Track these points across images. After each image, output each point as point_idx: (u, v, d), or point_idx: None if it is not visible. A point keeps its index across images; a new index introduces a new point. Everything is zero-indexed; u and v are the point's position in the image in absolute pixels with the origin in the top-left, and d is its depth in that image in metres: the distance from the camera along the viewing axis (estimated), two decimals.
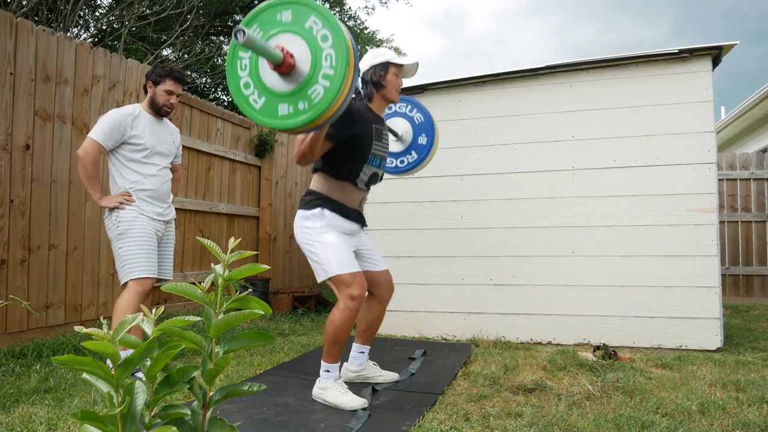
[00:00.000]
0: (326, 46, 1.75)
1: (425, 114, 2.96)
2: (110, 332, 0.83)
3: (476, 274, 3.79)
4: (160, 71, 2.73)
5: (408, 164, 3.00)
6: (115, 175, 2.70)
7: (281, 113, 1.81)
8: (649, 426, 1.89)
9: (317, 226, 2.25)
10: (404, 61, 2.39)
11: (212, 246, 1.01)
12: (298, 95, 1.78)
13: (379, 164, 2.42)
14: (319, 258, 2.24)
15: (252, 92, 1.84)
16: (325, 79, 1.74)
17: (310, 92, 1.77)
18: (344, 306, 2.18)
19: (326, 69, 1.74)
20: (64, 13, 5.99)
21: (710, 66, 3.42)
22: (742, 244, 5.96)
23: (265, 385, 1.05)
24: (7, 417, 1.99)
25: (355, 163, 2.30)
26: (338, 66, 1.73)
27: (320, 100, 1.75)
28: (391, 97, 2.41)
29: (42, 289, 3.26)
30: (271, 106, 1.82)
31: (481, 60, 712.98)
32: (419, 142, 2.95)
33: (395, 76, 2.39)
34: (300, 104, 1.78)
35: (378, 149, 2.36)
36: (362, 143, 2.27)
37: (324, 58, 1.75)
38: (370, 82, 2.38)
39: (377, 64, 2.37)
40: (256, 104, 1.84)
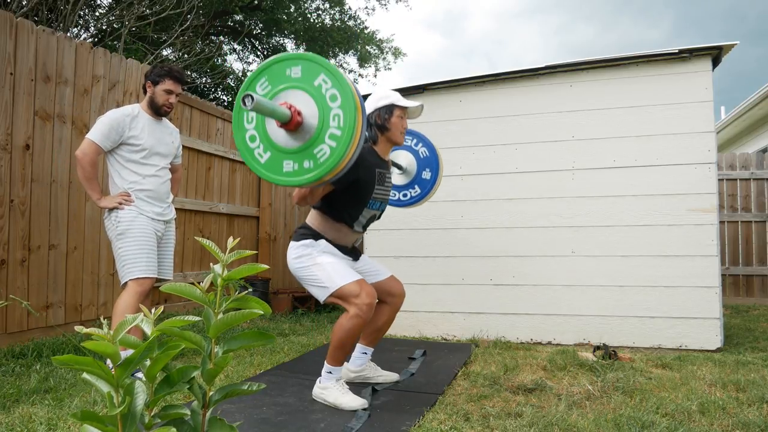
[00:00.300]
0: (335, 105, 1.74)
1: (430, 148, 2.94)
2: (110, 332, 0.83)
3: (476, 274, 3.79)
4: (159, 71, 2.73)
5: (411, 198, 2.99)
6: (114, 175, 2.70)
7: (286, 170, 1.80)
8: (649, 426, 1.89)
9: (310, 252, 2.22)
10: (409, 104, 2.36)
11: (211, 246, 1.01)
12: (303, 153, 1.78)
13: (379, 206, 2.40)
14: (317, 279, 2.18)
15: (257, 146, 1.84)
16: (332, 140, 1.74)
17: (316, 151, 1.76)
18: (354, 314, 2.11)
19: (334, 129, 1.74)
20: (64, 13, 5.99)
21: (710, 66, 3.42)
22: (742, 244, 5.96)
23: (265, 385, 1.05)
24: (7, 417, 1.99)
25: (355, 207, 2.28)
26: (346, 127, 1.72)
27: (326, 160, 1.74)
28: (397, 139, 2.38)
29: (42, 289, 3.26)
30: (276, 161, 1.81)
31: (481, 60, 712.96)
32: (423, 176, 2.95)
33: (400, 119, 2.35)
34: (305, 162, 1.77)
35: (379, 193, 2.34)
36: (364, 188, 2.25)
37: (332, 118, 1.74)
38: (375, 124, 2.34)
39: (381, 107, 2.34)
40: (261, 158, 1.83)
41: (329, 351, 2.23)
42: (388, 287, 2.47)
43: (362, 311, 2.11)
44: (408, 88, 4.00)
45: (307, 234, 2.28)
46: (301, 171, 1.78)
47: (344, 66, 11.91)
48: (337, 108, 1.74)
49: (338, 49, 11.36)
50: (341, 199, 2.24)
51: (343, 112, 1.73)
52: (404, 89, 4.01)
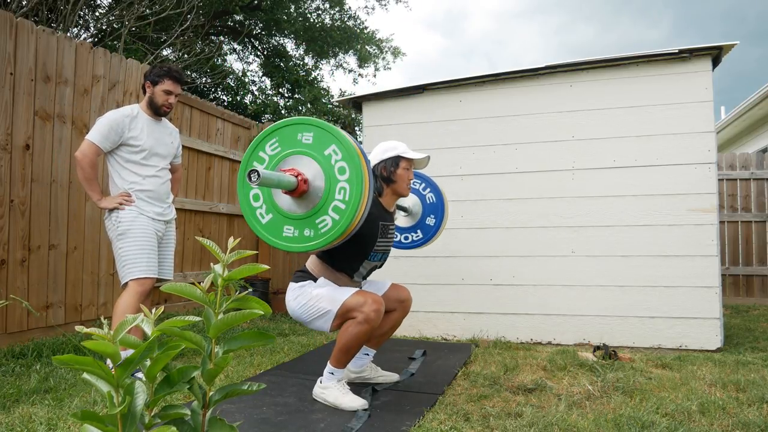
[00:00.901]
0: (342, 178, 1.73)
1: (438, 195, 2.94)
2: (110, 332, 0.83)
3: (476, 274, 3.79)
4: (158, 71, 2.73)
5: (412, 242, 2.99)
6: (114, 176, 2.70)
7: (285, 234, 1.80)
8: (649, 426, 1.89)
9: (308, 289, 2.21)
10: (415, 156, 2.35)
11: (211, 246, 1.01)
12: (305, 221, 1.78)
13: (381, 258, 2.39)
14: (319, 309, 2.15)
15: (260, 206, 1.84)
16: (335, 212, 1.73)
17: (318, 221, 1.76)
18: (363, 319, 2.09)
19: (338, 202, 1.73)
20: (64, 13, 5.99)
21: (710, 66, 3.42)
22: (742, 244, 5.96)
23: (265, 385, 1.05)
24: (7, 417, 1.99)
25: (356, 260, 2.28)
26: (351, 201, 1.72)
27: (327, 231, 1.74)
28: (402, 191, 2.36)
29: (42, 289, 3.26)
30: (276, 224, 1.81)
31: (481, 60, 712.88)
32: (427, 222, 2.95)
33: (406, 170, 2.34)
34: (306, 231, 1.77)
35: (381, 245, 2.33)
36: (366, 241, 2.24)
37: (338, 191, 1.73)
38: (380, 177, 2.33)
39: (387, 159, 2.32)
40: (262, 219, 1.83)
41: (334, 352, 2.21)
42: (395, 295, 2.46)
43: (370, 317, 2.09)
44: (408, 88, 4.00)
45: (306, 277, 2.27)
46: (301, 238, 1.78)
47: (344, 66, 11.91)
48: (345, 181, 1.73)
49: (338, 48, 11.36)
50: (342, 250, 2.17)
51: (350, 187, 1.72)
52: (404, 89, 4.01)
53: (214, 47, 9.31)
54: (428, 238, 2.97)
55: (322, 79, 11.61)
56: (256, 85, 11.06)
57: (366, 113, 4.18)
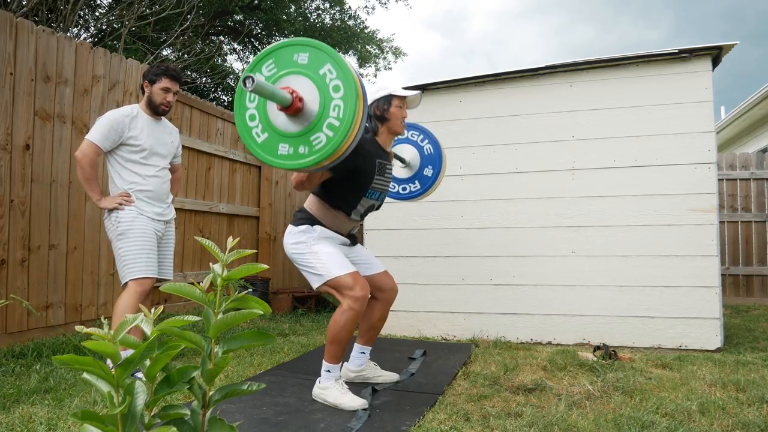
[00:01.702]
0: (337, 96, 1.75)
1: (436, 147, 2.96)
2: (110, 332, 0.83)
3: (476, 274, 3.79)
4: (155, 70, 2.73)
5: (410, 192, 3.00)
6: (113, 176, 2.70)
7: (280, 152, 1.82)
8: (649, 426, 1.89)
9: (307, 239, 2.24)
10: (407, 93, 2.38)
11: (210, 245, 1.01)
12: (300, 138, 1.79)
13: (378, 197, 2.41)
14: (313, 267, 2.21)
15: (256, 125, 1.85)
16: (329, 129, 1.75)
17: (312, 138, 1.77)
18: (347, 307, 2.15)
19: (332, 119, 1.75)
20: (64, 13, 5.99)
21: (710, 66, 3.42)
22: (742, 244, 5.96)
23: (265, 385, 1.04)
24: (7, 417, 1.99)
25: (354, 196, 2.30)
26: (345, 118, 1.73)
27: (321, 148, 1.76)
28: (397, 129, 2.40)
29: (42, 289, 3.26)
30: (272, 143, 1.83)
31: (481, 60, 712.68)
32: (425, 173, 2.96)
33: (399, 108, 2.38)
34: (301, 148, 1.79)
35: (379, 183, 2.35)
36: (363, 177, 2.26)
37: (332, 108, 1.75)
38: (374, 116, 2.37)
39: (380, 98, 2.36)
40: (258, 138, 1.85)
41: (326, 348, 2.24)
42: (380, 282, 2.49)
43: (355, 304, 2.14)
44: (408, 88, 3.99)
45: (304, 219, 2.29)
46: (296, 156, 1.80)
47: None
48: (339, 99, 1.75)
49: (338, 48, 11.35)
50: (340, 186, 2.25)
51: (344, 104, 1.74)
52: (405, 89, 4.01)
53: (214, 47, 9.31)
54: (425, 188, 2.98)
55: None
56: None
57: None
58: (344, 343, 2.22)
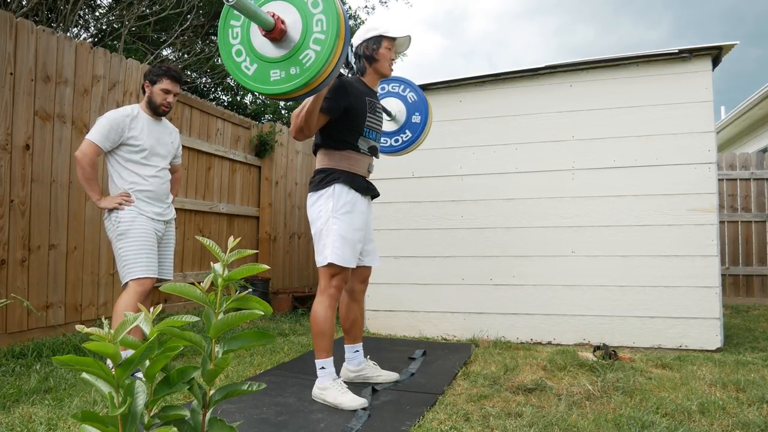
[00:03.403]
0: (317, 11, 1.77)
1: (418, 93, 2.99)
2: (111, 332, 0.83)
3: (476, 274, 3.79)
4: (156, 71, 2.73)
5: (403, 143, 3.02)
6: (114, 175, 2.70)
7: (273, 78, 1.82)
8: (649, 426, 1.89)
9: (329, 207, 2.27)
10: (397, 34, 2.40)
11: (212, 245, 1.01)
12: (289, 60, 1.80)
13: (375, 137, 2.44)
14: (322, 242, 2.27)
15: (244, 59, 1.85)
16: (316, 44, 1.76)
17: (301, 57, 1.78)
18: (322, 298, 2.25)
19: (317, 34, 1.76)
20: (64, 13, 5.99)
21: (710, 66, 3.42)
22: (742, 244, 5.96)
23: (265, 385, 1.04)
24: (7, 417, 1.99)
25: (352, 135, 2.32)
26: (329, 30, 1.75)
27: (312, 64, 1.77)
28: (384, 70, 2.42)
29: (42, 289, 3.26)
30: (263, 72, 1.83)
31: (482, 60, 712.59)
32: (413, 120, 2.99)
33: (388, 50, 2.40)
34: (292, 69, 1.79)
35: (372, 122, 2.39)
36: (357, 115, 2.30)
37: (315, 24, 1.77)
38: (363, 56, 2.40)
39: (370, 38, 2.38)
40: (248, 71, 1.85)
41: (314, 344, 2.28)
42: (363, 275, 2.55)
43: (328, 294, 2.25)
44: None
45: (324, 178, 2.30)
46: (288, 78, 1.80)
47: None
48: (320, 13, 1.77)
49: None
50: (337, 128, 2.29)
51: (326, 17, 1.75)
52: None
53: (214, 47, 9.30)
54: (417, 135, 2.99)
55: None
56: None
57: None
58: (328, 334, 2.25)
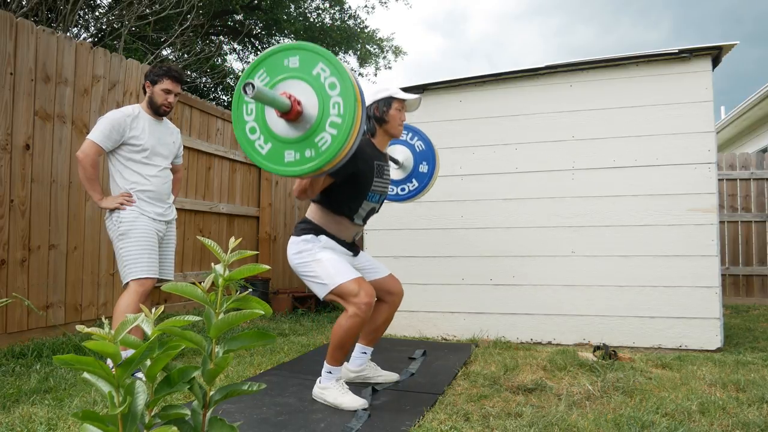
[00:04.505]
0: (334, 93, 1.74)
1: (426, 142, 2.95)
2: (111, 332, 0.83)
3: (476, 274, 3.79)
4: (157, 71, 2.73)
5: (409, 192, 3.00)
6: (115, 175, 2.70)
7: (287, 160, 1.80)
8: (649, 426, 1.89)
9: (310, 248, 2.23)
10: (407, 96, 2.37)
11: (213, 245, 1.01)
12: (305, 142, 1.77)
13: (378, 199, 2.41)
14: (317, 276, 2.19)
15: (258, 137, 1.83)
16: (332, 127, 1.74)
17: (317, 140, 1.76)
18: (353, 313, 2.12)
19: (334, 117, 1.74)
20: (63, 13, 5.98)
21: (710, 66, 3.42)
22: (742, 244, 5.96)
23: (265, 385, 1.05)
24: (7, 417, 1.99)
25: (355, 200, 2.29)
26: (346, 114, 1.72)
27: (328, 148, 1.74)
28: (395, 132, 2.39)
29: (42, 289, 3.26)
30: (277, 152, 1.81)
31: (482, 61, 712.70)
32: (420, 170, 2.96)
33: (398, 111, 2.36)
34: (307, 152, 1.77)
35: (378, 186, 2.35)
36: (363, 181, 2.25)
37: (332, 106, 1.74)
38: (373, 117, 2.35)
39: (380, 99, 2.35)
40: (262, 149, 1.83)
41: (329, 351, 2.23)
42: (387, 286, 2.47)
43: (361, 310, 2.11)
44: (408, 87, 4.00)
45: (308, 229, 2.28)
46: (303, 160, 1.78)
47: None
48: (337, 96, 1.74)
49: (338, 48, 11.36)
50: (341, 191, 2.24)
51: (343, 100, 1.73)
52: (404, 89, 4.01)
53: (214, 47, 9.31)
54: (424, 185, 2.98)
55: None
56: None
57: None
58: (347, 348, 2.20)
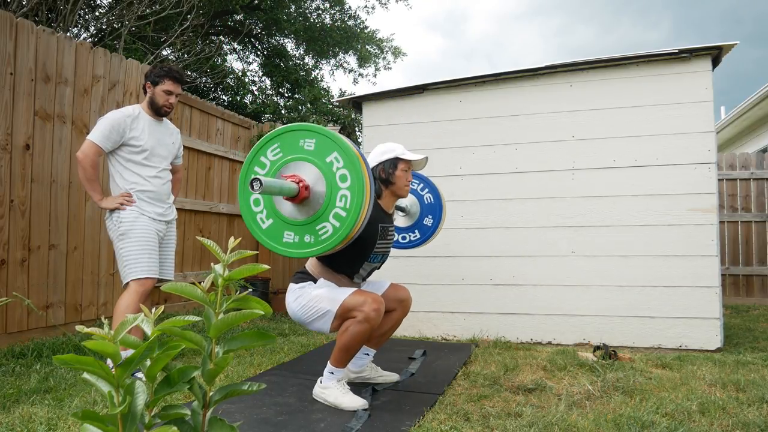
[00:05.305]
0: (344, 186, 1.74)
1: (436, 196, 2.95)
2: (111, 332, 0.83)
3: (476, 274, 3.79)
4: (158, 71, 2.73)
5: (410, 242, 3.00)
6: (115, 176, 2.70)
7: (285, 240, 1.80)
8: (649, 426, 1.89)
9: (308, 290, 2.21)
10: (413, 157, 2.35)
11: (212, 246, 1.01)
12: (306, 227, 1.78)
13: (381, 259, 2.39)
14: (318, 309, 2.15)
15: (261, 211, 1.84)
16: (336, 219, 1.74)
17: (318, 228, 1.76)
18: (363, 318, 2.09)
19: (339, 209, 1.74)
20: (64, 13, 5.98)
21: (710, 66, 3.42)
22: (742, 244, 5.96)
23: (265, 385, 1.04)
24: (7, 417, 1.99)
25: (356, 262, 2.29)
26: (352, 209, 1.72)
27: (327, 238, 1.75)
28: (401, 193, 2.37)
29: (42, 289, 3.26)
30: (277, 230, 1.81)
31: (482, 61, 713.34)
32: (425, 222, 2.96)
33: (404, 172, 2.35)
34: (306, 237, 1.77)
35: (381, 247, 2.33)
36: (366, 244, 2.24)
37: (339, 198, 1.74)
38: (379, 178, 2.33)
39: (386, 161, 2.33)
40: (262, 224, 1.83)
41: (334, 352, 2.21)
42: (394, 295, 2.46)
43: (370, 316, 2.09)
44: (408, 88, 4.00)
45: (306, 278, 2.28)
46: (301, 244, 1.78)
47: (344, 66, 11.91)
48: (346, 189, 1.74)
49: (338, 48, 11.36)
50: (342, 253, 2.14)
51: (351, 194, 1.72)
52: (404, 89, 4.01)
53: (214, 47, 9.31)
54: (426, 238, 2.98)
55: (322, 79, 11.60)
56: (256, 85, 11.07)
57: (366, 113, 4.18)
58: (353, 352, 2.20)
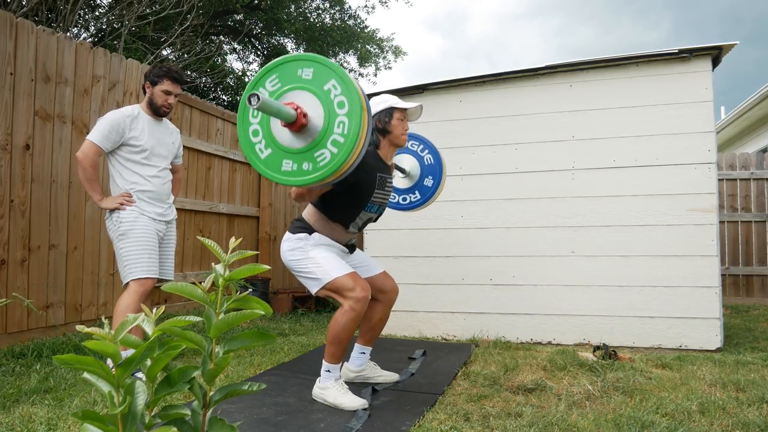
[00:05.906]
0: (341, 112, 1.74)
1: (436, 157, 2.95)
2: (111, 332, 0.83)
3: (476, 274, 3.79)
4: (157, 71, 2.73)
5: (410, 203, 3.01)
6: (115, 176, 2.70)
7: (284, 169, 1.80)
8: (649, 426, 1.89)
9: (303, 246, 2.25)
10: (408, 105, 2.39)
11: (213, 246, 1.01)
12: (304, 155, 1.78)
13: (377, 210, 2.41)
14: (310, 272, 2.21)
15: (260, 141, 1.84)
16: (333, 146, 1.74)
17: (316, 155, 1.76)
18: (349, 308, 2.14)
19: (337, 135, 1.74)
20: (64, 13, 5.98)
21: (710, 66, 3.42)
22: (742, 244, 5.96)
23: (265, 385, 1.04)
24: (7, 417, 1.99)
25: (353, 209, 2.30)
26: (349, 135, 1.72)
27: (325, 165, 1.75)
28: (399, 142, 2.39)
29: (42, 289, 3.26)
30: (275, 159, 1.82)
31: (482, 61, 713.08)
32: (425, 183, 2.96)
33: (400, 121, 2.37)
34: (305, 164, 1.78)
35: (378, 197, 2.35)
36: (364, 191, 2.26)
37: (337, 125, 1.74)
38: (376, 129, 2.36)
39: (381, 111, 2.36)
40: (261, 153, 1.84)
41: (326, 349, 2.24)
42: (381, 283, 2.48)
43: (356, 305, 2.13)
44: (408, 87, 4.00)
45: (302, 227, 2.30)
46: (299, 172, 1.79)
47: (344, 65, 11.91)
48: (344, 115, 1.74)
49: (338, 48, 11.36)
50: (339, 200, 2.25)
51: (349, 120, 1.73)
52: (404, 89, 4.01)
53: (214, 47, 9.31)
54: (426, 199, 2.98)
55: None
56: None
57: None
58: (344, 344, 2.21)
